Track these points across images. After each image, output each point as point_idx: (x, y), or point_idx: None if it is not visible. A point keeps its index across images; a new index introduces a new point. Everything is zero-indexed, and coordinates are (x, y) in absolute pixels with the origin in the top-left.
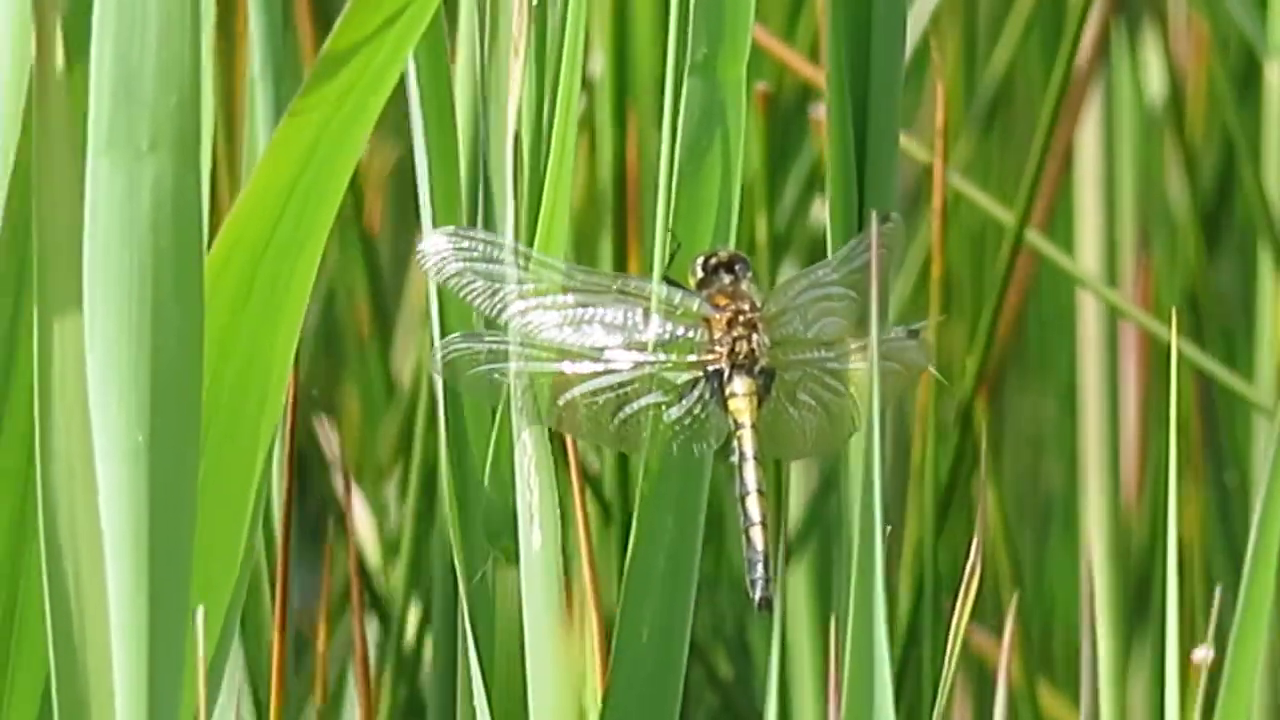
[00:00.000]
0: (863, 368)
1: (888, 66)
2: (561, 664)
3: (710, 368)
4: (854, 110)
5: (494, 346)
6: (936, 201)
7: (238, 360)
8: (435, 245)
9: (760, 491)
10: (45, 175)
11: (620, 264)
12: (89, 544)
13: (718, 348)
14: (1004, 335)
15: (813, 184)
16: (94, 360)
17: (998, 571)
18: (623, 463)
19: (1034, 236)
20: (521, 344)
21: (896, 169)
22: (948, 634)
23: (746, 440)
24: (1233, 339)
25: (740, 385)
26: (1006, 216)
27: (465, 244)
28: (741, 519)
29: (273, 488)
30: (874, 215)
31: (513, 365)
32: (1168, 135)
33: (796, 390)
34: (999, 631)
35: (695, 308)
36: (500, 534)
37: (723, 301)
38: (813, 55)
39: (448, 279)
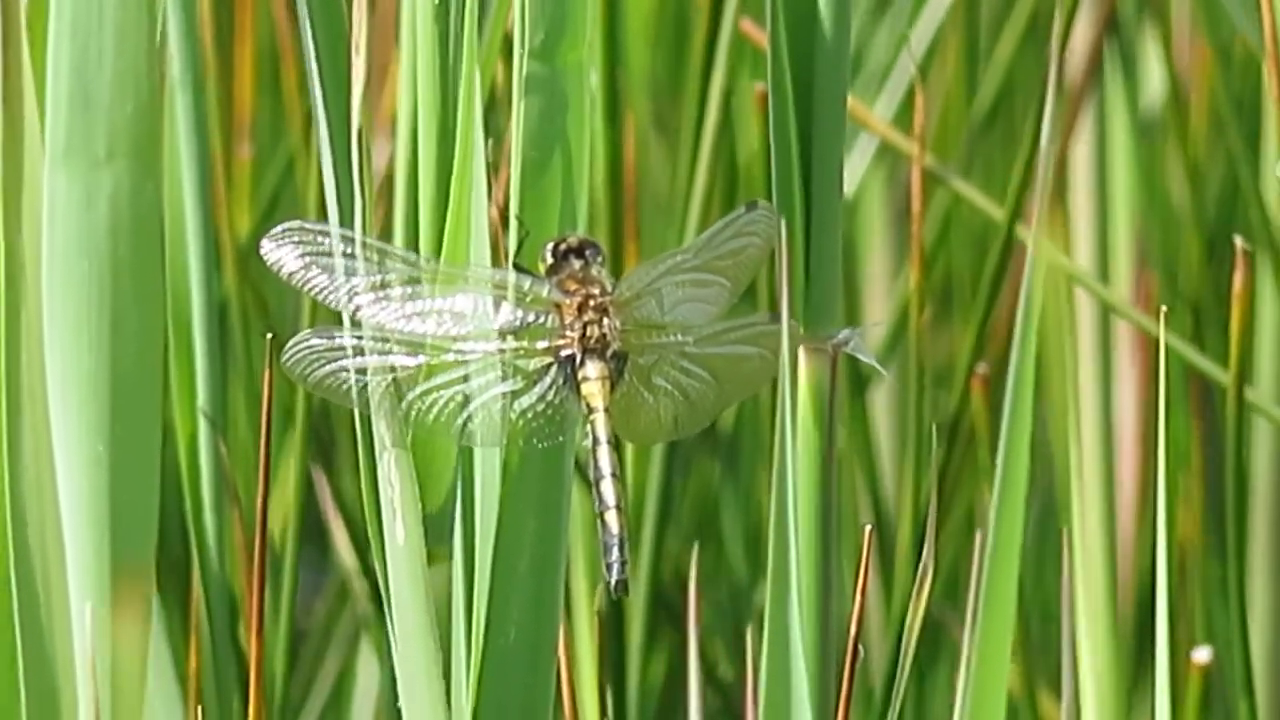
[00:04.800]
0: (721, 352)
1: (835, 46)
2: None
3: (562, 353)
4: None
5: (345, 343)
6: (916, 205)
7: None
8: (276, 242)
9: (615, 475)
10: (9, 184)
11: (617, 263)
12: (56, 552)
13: (569, 333)
14: (1003, 335)
15: None
16: (54, 370)
17: None
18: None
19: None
20: (372, 338)
21: (842, 149)
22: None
23: (600, 424)
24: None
25: (592, 369)
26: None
27: (308, 238)
28: (596, 503)
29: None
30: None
31: (370, 360)
32: (1170, 138)
33: (652, 374)
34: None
35: (545, 293)
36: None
37: (573, 286)
38: None
39: (290, 275)
